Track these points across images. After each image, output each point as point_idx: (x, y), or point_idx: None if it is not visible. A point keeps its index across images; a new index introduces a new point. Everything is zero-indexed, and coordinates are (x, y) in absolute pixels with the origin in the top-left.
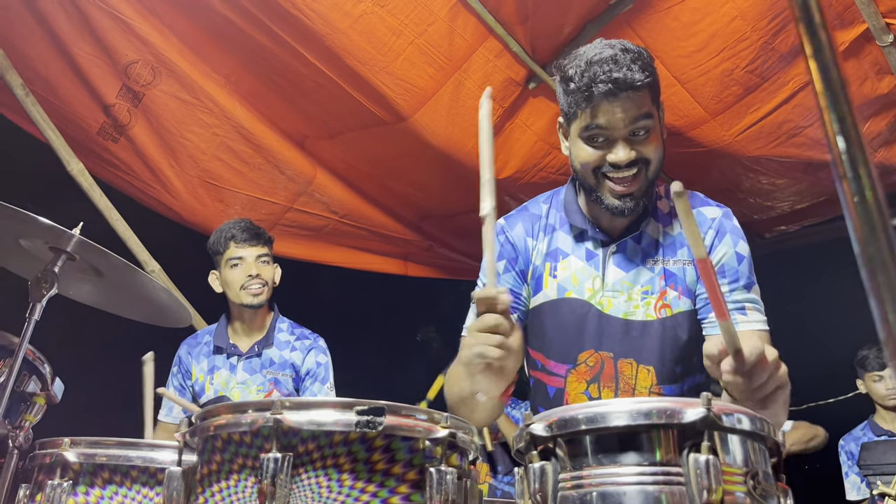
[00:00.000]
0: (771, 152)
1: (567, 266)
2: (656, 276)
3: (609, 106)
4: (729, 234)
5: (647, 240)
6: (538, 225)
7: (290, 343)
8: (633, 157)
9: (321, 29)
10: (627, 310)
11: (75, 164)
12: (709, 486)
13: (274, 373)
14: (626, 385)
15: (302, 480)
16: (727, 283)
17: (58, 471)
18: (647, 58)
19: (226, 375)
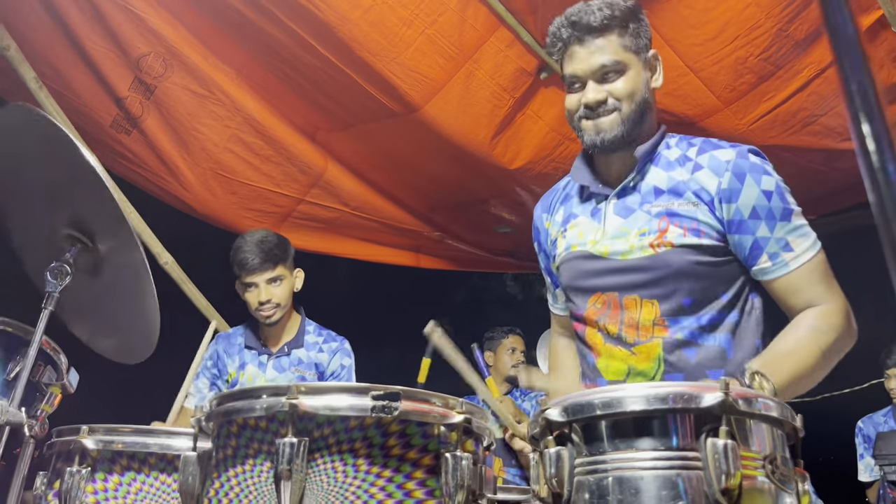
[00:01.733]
0: (785, 141)
1: (576, 225)
2: (655, 217)
3: (577, 50)
4: (749, 174)
5: (646, 187)
6: (555, 198)
7: (318, 344)
8: (603, 97)
9: (332, 20)
10: (625, 250)
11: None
12: (727, 470)
13: (301, 371)
14: (630, 320)
15: (318, 465)
16: (765, 224)
17: (76, 458)
18: (623, 6)
19: (254, 371)
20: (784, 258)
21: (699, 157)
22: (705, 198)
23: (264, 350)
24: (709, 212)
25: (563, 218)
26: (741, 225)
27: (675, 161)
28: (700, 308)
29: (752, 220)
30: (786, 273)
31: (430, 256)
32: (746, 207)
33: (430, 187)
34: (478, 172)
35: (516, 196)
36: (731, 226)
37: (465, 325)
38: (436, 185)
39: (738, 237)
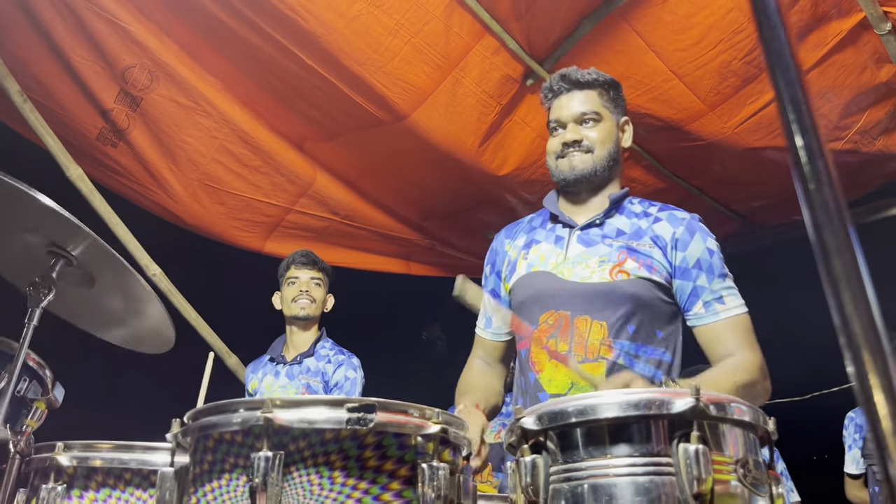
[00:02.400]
0: (771, 143)
1: (538, 250)
2: (614, 250)
3: (562, 100)
4: (699, 233)
5: (609, 227)
6: (518, 228)
7: (328, 356)
8: (580, 137)
9: (317, 30)
10: (584, 275)
11: (74, 170)
12: (699, 475)
13: (308, 378)
14: (580, 338)
15: (293, 478)
16: (704, 275)
17: (52, 475)
18: (607, 76)
19: (271, 380)
20: (716, 308)
21: (659, 213)
22: (661, 243)
23: (282, 359)
24: (663, 255)
25: (524, 243)
26: (686, 272)
27: (637, 214)
28: (641, 338)
29: (695, 269)
30: (715, 321)
31: (421, 264)
32: (692, 258)
33: (419, 195)
34: (466, 179)
35: (505, 202)
36: (678, 271)
37: (458, 331)
38: (425, 192)
39: (681, 282)
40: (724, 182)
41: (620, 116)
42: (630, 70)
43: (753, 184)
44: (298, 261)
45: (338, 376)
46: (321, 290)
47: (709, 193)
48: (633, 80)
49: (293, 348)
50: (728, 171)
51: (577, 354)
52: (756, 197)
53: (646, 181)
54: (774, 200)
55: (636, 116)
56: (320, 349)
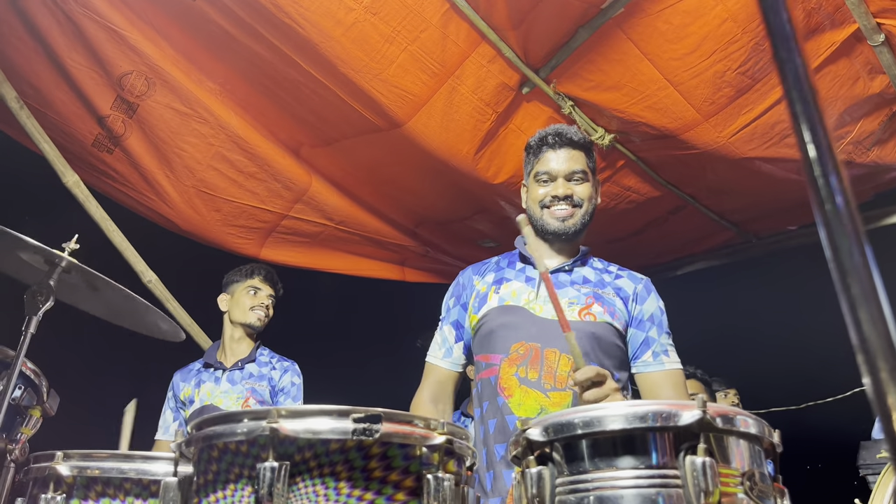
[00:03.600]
0: (765, 153)
1: (509, 286)
2: (582, 295)
3: (552, 154)
4: (654, 293)
5: (576, 275)
6: (486, 267)
7: (270, 363)
8: (569, 192)
9: (314, 37)
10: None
11: (70, 176)
12: (706, 488)
13: (252, 383)
14: (549, 368)
15: (299, 489)
16: (656, 329)
17: (51, 485)
18: (588, 138)
19: (210, 387)
20: (662, 359)
21: (619, 272)
22: (622, 294)
23: (220, 365)
24: (624, 305)
25: (494, 279)
26: (640, 323)
27: (599, 269)
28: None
29: (649, 322)
30: (660, 370)
31: (415, 270)
32: (647, 312)
33: (413, 202)
34: (462, 187)
35: (500, 210)
36: (633, 321)
37: None
38: (420, 199)
39: (635, 331)
40: (718, 191)
41: (595, 176)
42: (625, 78)
43: (748, 193)
44: (265, 276)
45: (284, 381)
46: (271, 308)
47: (703, 202)
48: (629, 88)
49: (232, 355)
50: (722, 181)
51: (547, 382)
52: (750, 206)
53: (640, 189)
54: (769, 210)
55: (632, 125)
56: (260, 356)
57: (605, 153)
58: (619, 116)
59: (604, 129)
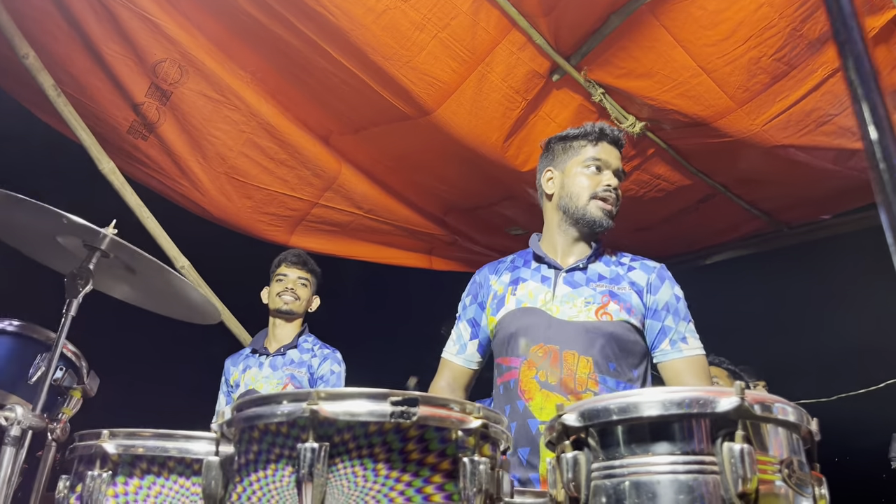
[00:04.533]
0: (799, 141)
1: (525, 287)
2: (598, 293)
3: (608, 147)
4: (667, 280)
5: (591, 272)
6: (502, 266)
7: (312, 350)
8: (617, 185)
9: (345, 25)
10: (572, 314)
11: (106, 163)
12: (744, 475)
13: (292, 369)
14: (569, 371)
15: (338, 470)
16: (672, 317)
17: (97, 462)
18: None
19: (254, 372)
20: (680, 346)
21: (632, 262)
22: (636, 288)
23: (264, 351)
24: (639, 299)
25: (510, 280)
26: (656, 313)
27: (612, 261)
28: (619, 374)
29: (664, 311)
30: (679, 357)
31: (443, 258)
32: (662, 301)
33: (442, 190)
34: (490, 175)
35: (528, 198)
36: (649, 312)
37: None
38: (448, 187)
39: (651, 321)
40: (749, 180)
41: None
42: (657, 65)
43: (780, 182)
44: (290, 260)
45: (323, 370)
46: (307, 289)
47: (734, 191)
48: (661, 75)
49: (275, 341)
50: (754, 169)
51: (567, 385)
52: (782, 195)
53: (670, 178)
54: (802, 199)
55: (663, 113)
56: (303, 342)
57: (635, 141)
58: (650, 104)
59: (634, 117)
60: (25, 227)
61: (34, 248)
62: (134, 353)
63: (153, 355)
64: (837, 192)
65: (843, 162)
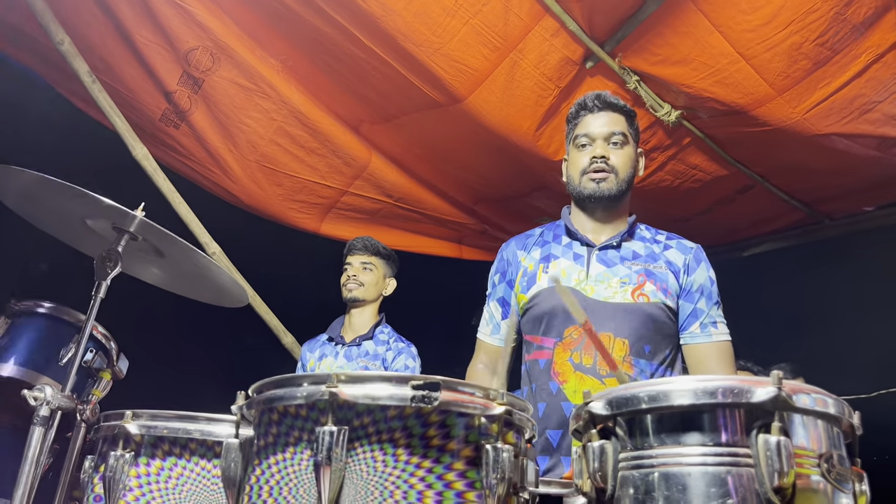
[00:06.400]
0: (842, 129)
1: (557, 265)
2: (634, 273)
3: (592, 118)
4: (704, 262)
5: (625, 250)
6: (530, 241)
7: (388, 343)
8: (608, 154)
9: (376, 11)
10: (607, 294)
11: (139, 149)
12: (780, 468)
13: (366, 361)
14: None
15: (357, 454)
16: (705, 300)
17: (121, 442)
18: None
19: (330, 361)
20: (710, 330)
21: (668, 241)
22: (673, 268)
23: (340, 340)
24: (675, 279)
25: (541, 256)
26: (690, 294)
27: (648, 239)
28: (653, 357)
29: (698, 293)
30: (707, 342)
31: (473, 248)
32: (696, 283)
33: (472, 179)
34: (521, 164)
35: (560, 187)
36: (683, 292)
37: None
38: (479, 176)
39: (684, 302)
40: (789, 170)
41: (637, 147)
42: (694, 52)
43: (821, 172)
44: (354, 247)
45: (397, 364)
46: (372, 273)
47: (773, 181)
48: (698, 62)
49: (351, 330)
50: (794, 159)
51: (602, 368)
52: (823, 186)
53: (707, 168)
54: (844, 190)
55: (699, 100)
56: (379, 333)
57: (670, 130)
58: (686, 92)
59: (670, 105)
60: (56, 210)
61: (64, 231)
62: (162, 335)
63: (180, 338)
64: (881, 182)
65: (886, 150)
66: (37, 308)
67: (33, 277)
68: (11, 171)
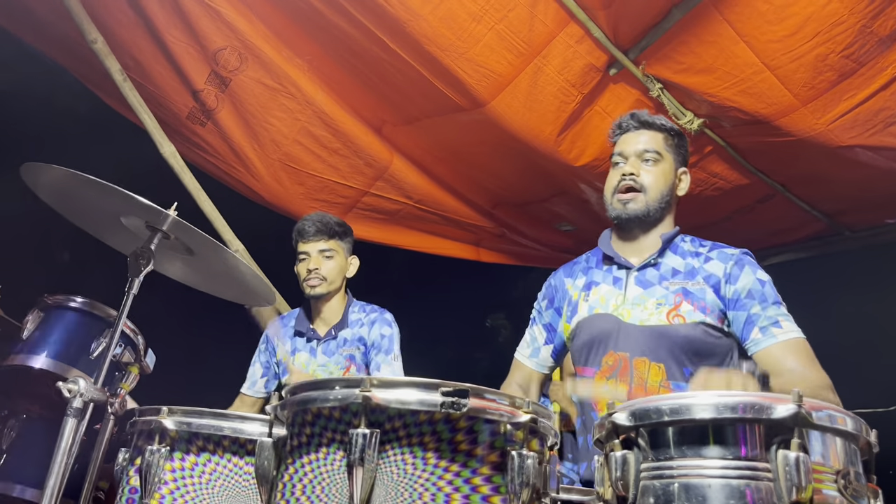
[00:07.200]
0: (866, 141)
1: (597, 292)
2: (671, 293)
3: (627, 136)
4: (748, 266)
5: (665, 268)
6: (577, 267)
7: (360, 320)
8: (638, 171)
9: (402, 15)
10: (643, 318)
11: (167, 147)
12: (799, 483)
13: (348, 349)
14: (640, 379)
15: (388, 456)
16: (758, 304)
17: (156, 437)
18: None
19: (306, 358)
20: (772, 331)
21: (709, 252)
22: (712, 282)
23: (313, 335)
24: (715, 294)
25: (584, 284)
26: (739, 303)
27: (689, 252)
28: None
29: (748, 299)
30: (773, 343)
31: (490, 251)
32: (744, 290)
33: (493, 183)
34: (542, 169)
35: (580, 193)
36: (730, 304)
37: (522, 321)
38: (499, 180)
39: (735, 313)
40: (811, 180)
41: (680, 166)
42: (719, 61)
43: (843, 183)
44: (304, 232)
45: (374, 336)
46: (334, 260)
47: (794, 191)
48: (722, 71)
49: (323, 322)
50: (816, 170)
51: (638, 394)
52: (845, 197)
53: (728, 176)
54: (865, 202)
55: (722, 110)
56: (351, 315)
57: (692, 138)
58: (709, 101)
59: (693, 114)
60: (91, 208)
61: (98, 228)
62: (185, 332)
63: (198, 335)
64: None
65: None
66: (68, 302)
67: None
68: (52, 169)
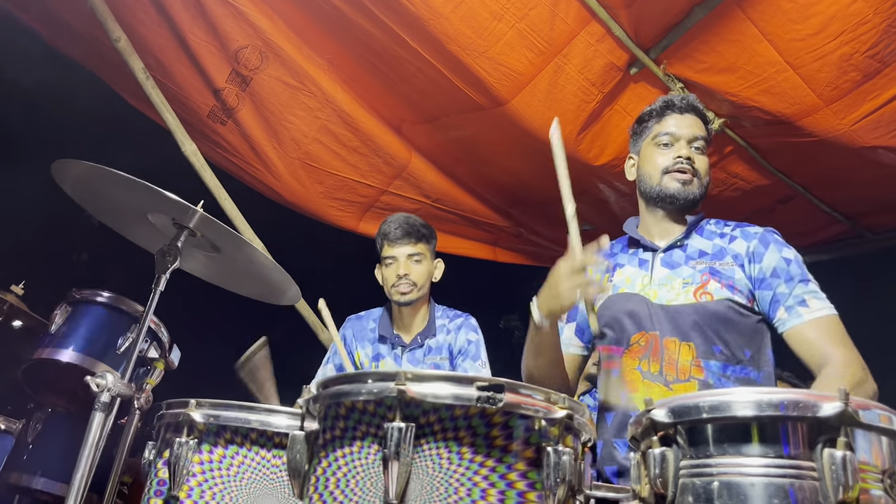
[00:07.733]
0: (889, 142)
1: (622, 273)
2: (697, 272)
3: (677, 117)
4: (773, 244)
5: (691, 249)
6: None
7: (445, 326)
8: (693, 157)
9: (423, 14)
10: (670, 297)
11: (189, 145)
12: (846, 482)
13: (433, 358)
14: (670, 359)
15: (423, 451)
16: (783, 283)
17: (185, 429)
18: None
19: (391, 365)
20: (799, 311)
21: (734, 232)
22: (739, 261)
23: (398, 341)
24: (742, 272)
25: (607, 267)
26: (764, 282)
27: (714, 233)
28: (728, 358)
29: (773, 278)
30: (799, 323)
31: (507, 250)
32: (769, 268)
33: (510, 182)
34: None
35: (598, 193)
36: (756, 283)
37: None
38: (517, 179)
39: (761, 292)
40: (832, 181)
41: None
42: (741, 60)
43: (865, 185)
44: (392, 235)
45: (460, 342)
46: (422, 265)
47: (815, 193)
48: (744, 70)
49: (407, 330)
50: (838, 171)
51: (669, 374)
52: (867, 199)
53: (748, 177)
54: (887, 204)
55: (744, 109)
56: (437, 322)
57: (713, 138)
58: (731, 100)
59: (714, 113)
60: (119, 205)
61: (124, 225)
62: (213, 328)
63: (232, 332)
64: None
65: None
66: (96, 297)
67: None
68: (83, 166)
